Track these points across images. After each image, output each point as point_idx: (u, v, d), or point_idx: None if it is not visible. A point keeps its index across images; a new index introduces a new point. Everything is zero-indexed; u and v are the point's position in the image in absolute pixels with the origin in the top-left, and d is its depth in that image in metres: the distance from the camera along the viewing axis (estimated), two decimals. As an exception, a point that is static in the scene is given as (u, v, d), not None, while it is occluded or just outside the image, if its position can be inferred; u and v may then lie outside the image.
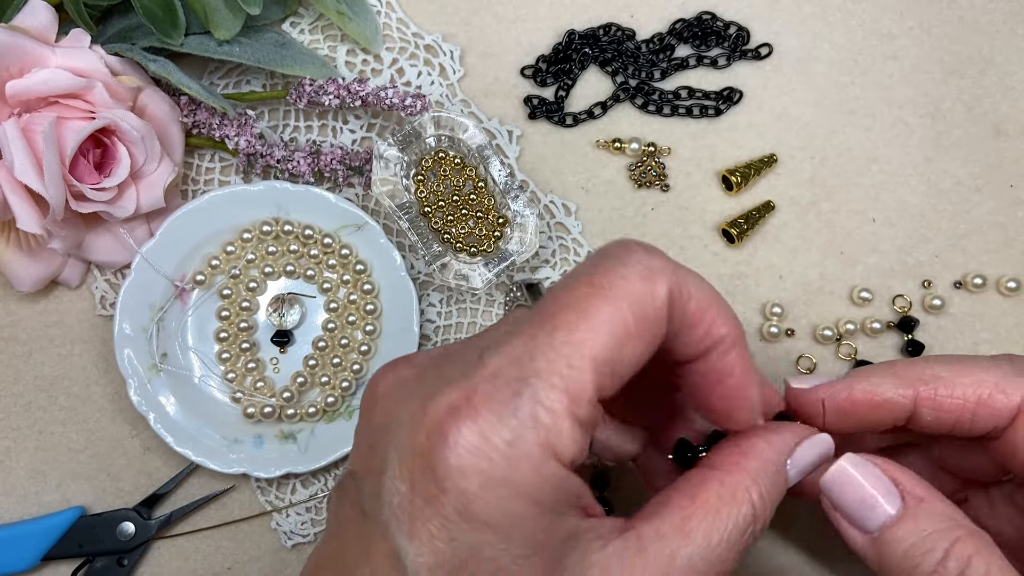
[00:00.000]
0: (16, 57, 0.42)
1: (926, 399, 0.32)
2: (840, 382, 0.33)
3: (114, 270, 0.48)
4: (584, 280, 0.28)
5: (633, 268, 0.28)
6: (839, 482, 0.31)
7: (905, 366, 0.33)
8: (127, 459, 0.47)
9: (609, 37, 0.51)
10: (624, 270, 0.28)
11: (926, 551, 0.29)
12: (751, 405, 0.30)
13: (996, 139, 0.50)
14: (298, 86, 0.47)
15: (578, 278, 0.28)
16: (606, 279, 0.27)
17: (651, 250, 0.29)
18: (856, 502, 0.31)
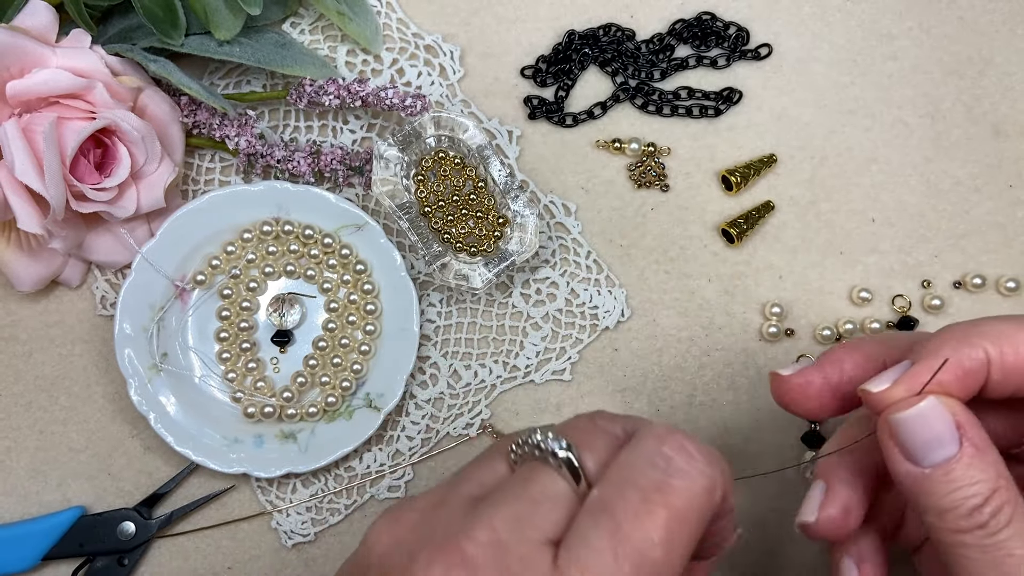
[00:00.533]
0: (17, 57, 0.42)
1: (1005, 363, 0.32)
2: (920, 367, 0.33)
3: (114, 270, 0.48)
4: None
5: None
6: (915, 419, 0.32)
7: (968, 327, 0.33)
8: (127, 459, 0.47)
9: (609, 37, 0.51)
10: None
11: (970, 495, 0.31)
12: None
13: (995, 139, 0.50)
14: (298, 86, 0.47)
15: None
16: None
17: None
18: (923, 439, 0.32)
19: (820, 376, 0.35)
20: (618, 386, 0.48)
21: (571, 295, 0.48)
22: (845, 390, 0.35)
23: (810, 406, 0.36)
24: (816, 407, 0.36)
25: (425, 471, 0.47)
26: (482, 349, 0.48)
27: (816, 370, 0.36)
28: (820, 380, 0.35)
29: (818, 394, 0.36)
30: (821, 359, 0.36)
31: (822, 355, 0.36)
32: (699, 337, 0.48)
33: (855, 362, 0.35)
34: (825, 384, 0.35)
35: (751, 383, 0.47)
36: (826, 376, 0.35)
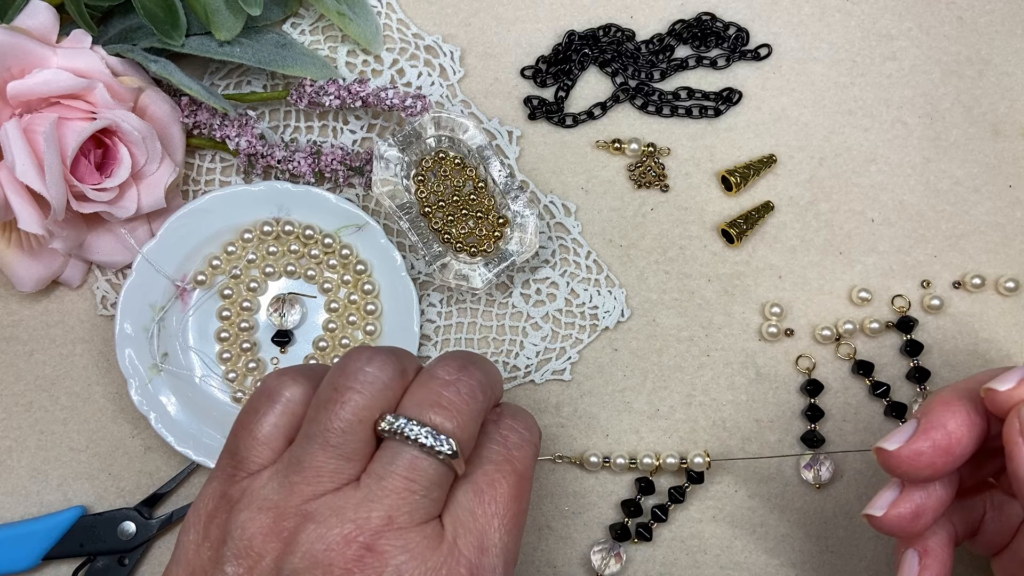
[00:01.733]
0: (17, 58, 0.42)
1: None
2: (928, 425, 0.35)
3: (115, 270, 0.48)
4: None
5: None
6: None
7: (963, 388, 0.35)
8: (128, 459, 0.47)
9: (609, 38, 0.51)
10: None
11: None
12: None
13: (994, 139, 0.50)
14: (299, 87, 0.47)
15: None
16: None
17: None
18: None
19: (928, 444, 0.35)
20: (618, 386, 0.48)
21: (571, 295, 0.48)
22: (956, 450, 0.35)
23: (924, 474, 0.35)
24: (930, 473, 0.35)
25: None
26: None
27: (922, 439, 0.35)
28: (929, 448, 0.35)
29: (930, 462, 0.35)
30: (924, 425, 0.35)
31: (923, 420, 0.35)
32: (699, 337, 0.48)
33: (958, 420, 0.35)
34: (934, 450, 0.35)
35: (751, 383, 0.48)
36: (934, 443, 0.35)
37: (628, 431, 0.47)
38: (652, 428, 0.47)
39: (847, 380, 0.48)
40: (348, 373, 0.33)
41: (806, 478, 0.46)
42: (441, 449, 0.32)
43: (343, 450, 0.32)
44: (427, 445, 0.32)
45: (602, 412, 0.47)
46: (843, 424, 0.47)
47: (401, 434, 0.32)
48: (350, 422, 0.32)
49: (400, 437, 0.32)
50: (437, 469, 0.32)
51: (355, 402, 0.32)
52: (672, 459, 0.46)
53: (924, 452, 0.35)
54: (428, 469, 0.32)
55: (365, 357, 0.33)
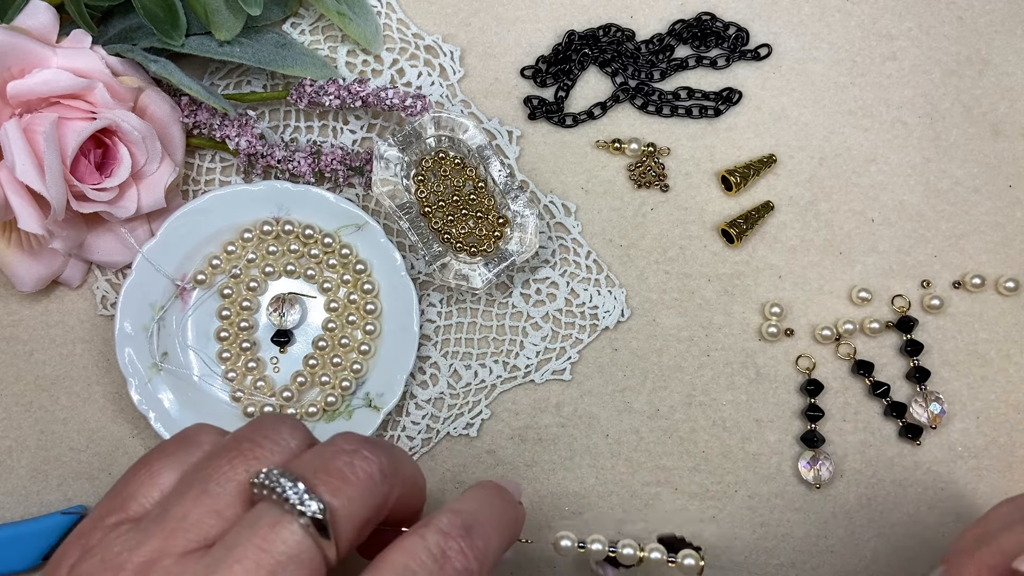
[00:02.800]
0: (17, 58, 0.42)
1: None
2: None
3: (115, 270, 0.48)
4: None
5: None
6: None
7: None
8: (128, 458, 0.47)
9: (609, 38, 0.51)
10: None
11: None
12: None
13: (994, 139, 0.50)
14: (299, 87, 0.47)
15: None
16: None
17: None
18: None
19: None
20: (618, 386, 0.48)
21: (571, 295, 0.48)
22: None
23: None
24: None
25: (424, 471, 0.47)
26: (482, 349, 0.48)
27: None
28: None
29: None
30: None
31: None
32: (699, 337, 0.48)
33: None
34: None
35: (751, 383, 0.48)
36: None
37: (628, 431, 0.47)
38: (652, 428, 0.47)
39: (847, 380, 0.48)
40: (260, 430, 0.30)
41: (806, 478, 0.46)
42: (304, 509, 0.27)
43: (217, 505, 0.28)
44: (290, 501, 0.27)
45: (602, 412, 0.47)
46: (843, 424, 0.47)
47: (268, 487, 0.27)
48: (240, 478, 0.28)
49: (266, 491, 0.27)
50: (300, 542, 0.27)
51: (253, 458, 0.29)
52: (657, 554, 0.39)
53: None
54: (289, 539, 0.27)
55: (277, 421, 0.31)
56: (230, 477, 0.28)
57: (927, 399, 0.47)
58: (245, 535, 0.27)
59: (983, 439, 0.47)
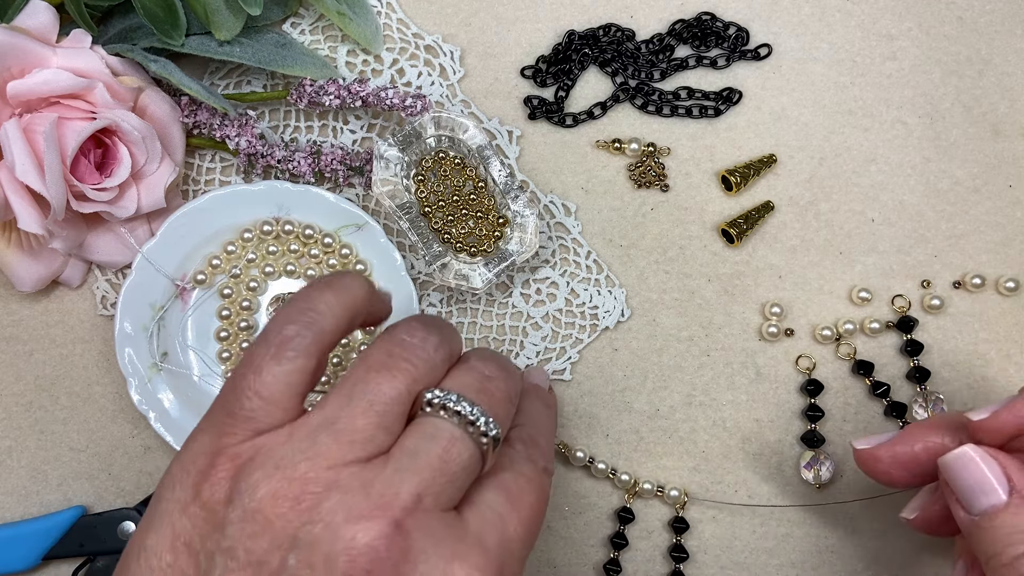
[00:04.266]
0: (17, 57, 0.42)
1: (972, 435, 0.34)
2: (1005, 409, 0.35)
3: (115, 270, 0.48)
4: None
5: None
6: (957, 465, 0.34)
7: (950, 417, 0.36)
8: (128, 458, 0.47)
9: (609, 37, 0.51)
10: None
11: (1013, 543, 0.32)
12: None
13: (995, 139, 0.50)
14: (299, 86, 0.47)
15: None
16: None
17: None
18: (967, 485, 0.33)
19: (889, 455, 0.38)
20: (618, 386, 0.48)
21: (571, 295, 0.48)
22: (913, 468, 0.38)
23: (881, 479, 0.39)
24: (887, 480, 0.39)
25: (425, 471, 0.47)
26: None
27: (885, 448, 0.38)
28: (888, 459, 0.38)
29: (885, 470, 0.39)
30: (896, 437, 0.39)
31: (900, 432, 0.39)
32: (699, 337, 0.48)
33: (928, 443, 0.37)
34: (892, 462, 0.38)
35: (751, 383, 0.48)
36: (895, 456, 0.38)
37: (628, 431, 0.47)
38: (652, 428, 0.47)
39: (847, 380, 0.48)
40: (405, 345, 0.32)
41: (806, 478, 0.46)
42: (487, 431, 0.31)
43: (385, 420, 0.30)
44: (475, 422, 0.30)
45: (602, 412, 0.47)
46: (843, 424, 0.47)
47: (450, 408, 0.31)
48: (400, 393, 0.31)
49: (448, 412, 0.30)
50: (472, 455, 0.30)
51: (409, 374, 0.31)
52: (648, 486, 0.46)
53: (881, 460, 0.38)
54: (464, 453, 0.30)
55: (421, 333, 0.32)
56: (393, 396, 0.31)
57: (927, 399, 0.47)
58: (425, 446, 0.30)
59: (983, 439, 0.47)
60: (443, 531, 0.29)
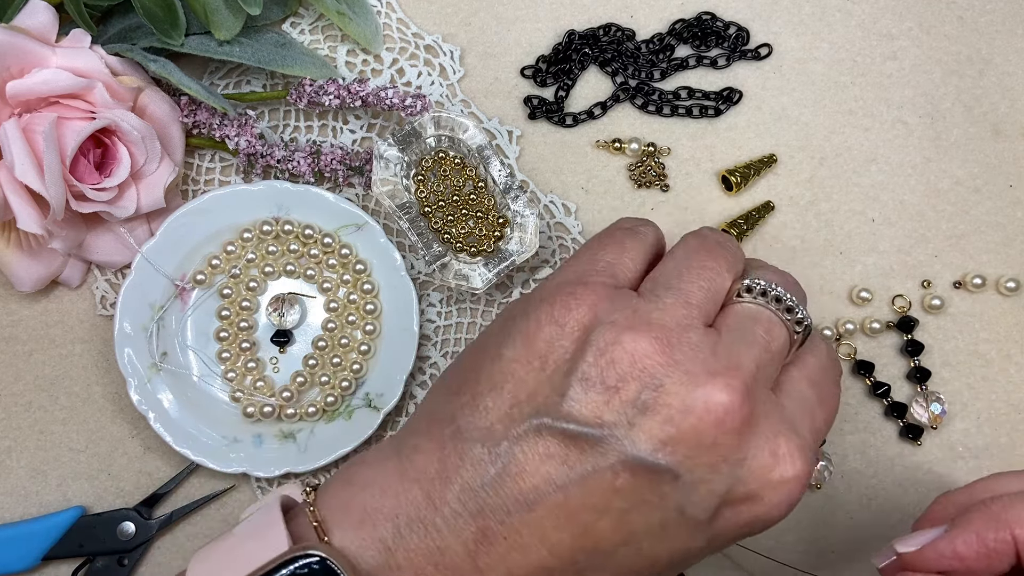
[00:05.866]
0: (16, 57, 0.42)
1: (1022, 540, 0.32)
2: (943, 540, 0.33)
3: (114, 270, 0.48)
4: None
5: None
6: None
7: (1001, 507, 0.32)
8: (127, 459, 0.47)
9: (609, 37, 0.51)
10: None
11: None
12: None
13: (995, 139, 0.50)
14: (298, 86, 0.47)
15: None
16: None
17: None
18: None
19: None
20: (618, 386, 0.47)
21: (571, 295, 0.48)
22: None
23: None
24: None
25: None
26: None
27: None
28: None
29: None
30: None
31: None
32: (699, 337, 0.48)
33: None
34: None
35: (751, 383, 0.47)
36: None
37: (628, 431, 0.47)
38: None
39: (847, 380, 0.48)
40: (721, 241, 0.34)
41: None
42: (801, 318, 0.32)
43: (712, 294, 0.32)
44: (792, 308, 0.32)
45: (602, 412, 0.47)
46: (843, 424, 0.47)
47: (769, 294, 0.32)
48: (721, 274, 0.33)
49: (767, 297, 0.32)
50: (786, 340, 0.32)
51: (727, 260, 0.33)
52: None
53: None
54: (781, 335, 0.32)
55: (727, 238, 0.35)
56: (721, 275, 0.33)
57: (928, 399, 0.47)
58: (750, 326, 0.32)
59: (984, 439, 0.47)
60: (772, 408, 0.30)
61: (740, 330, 0.31)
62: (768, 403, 0.30)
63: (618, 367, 0.29)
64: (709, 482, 0.29)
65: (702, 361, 0.29)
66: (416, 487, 0.30)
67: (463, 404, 0.31)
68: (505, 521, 0.29)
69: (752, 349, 0.31)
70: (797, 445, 0.30)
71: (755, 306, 0.32)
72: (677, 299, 0.31)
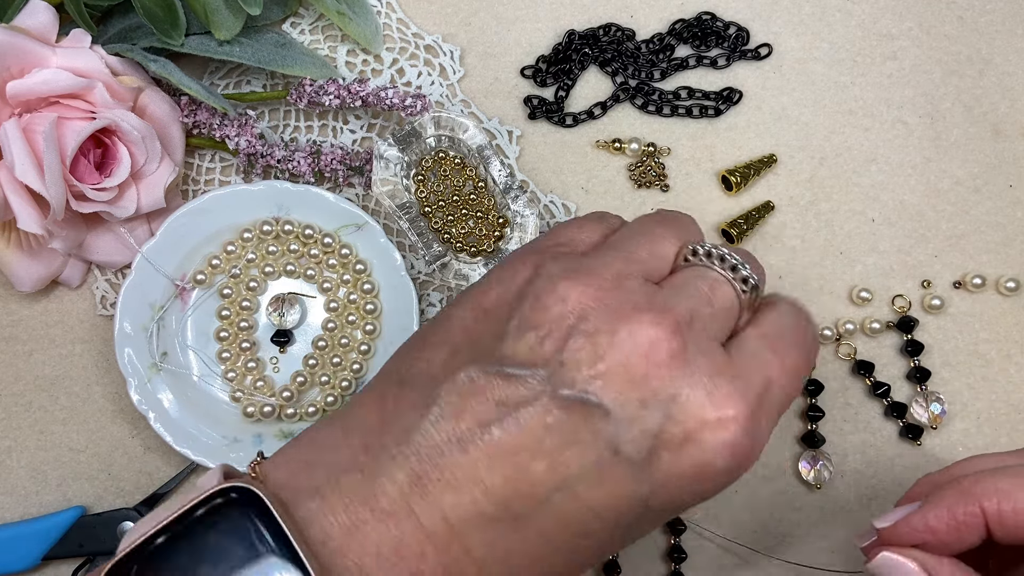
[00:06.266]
0: (17, 57, 0.42)
1: (994, 516, 0.32)
2: (917, 515, 0.34)
3: (115, 270, 0.48)
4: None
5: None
6: (884, 572, 0.34)
7: (972, 483, 0.33)
8: (128, 458, 0.47)
9: (609, 37, 0.51)
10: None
11: None
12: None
13: (995, 139, 0.50)
14: (298, 86, 0.47)
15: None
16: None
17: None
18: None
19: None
20: (618, 386, 0.47)
21: (571, 295, 0.48)
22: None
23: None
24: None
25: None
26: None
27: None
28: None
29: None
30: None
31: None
32: (699, 337, 0.48)
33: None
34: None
35: (751, 383, 0.47)
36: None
37: (628, 431, 0.47)
38: (652, 428, 0.47)
39: (847, 380, 0.48)
40: (676, 214, 0.35)
41: (806, 478, 0.46)
42: (747, 277, 0.32)
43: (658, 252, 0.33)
44: (736, 267, 0.32)
45: (602, 412, 0.47)
46: (843, 424, 0.47)
47: (714, 254, 0.33)
48: (671, 240, 0.33)
49: (712, 258, 0.33)
50: (733, 300, 0.32)
51: (677, 231, 0.34)
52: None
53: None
54: (725, 293, 0.32)
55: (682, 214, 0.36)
56: (667, 241, 0.33)
57: (928, 399, 0.46)
58: (693, 282, 0.32)
59: (984, 439, 0.47)
60: (710, 350, 0.31)
61: (681, 285, 0.32)
62: (709, 349, 0.31)
63: (552, 311, 0.30)
64: (641, 419, 0.29)
65: (633, 303, 0.30)
66: (355, 437, 0.31)
67: (411, 359, 0.32)
68: (439, 463, 0.29)
69: (690, 300, 0.31)
70: (738, 388, 0.30)
71: (700, 267, 0.33)
72: (619, 255, 0.32)
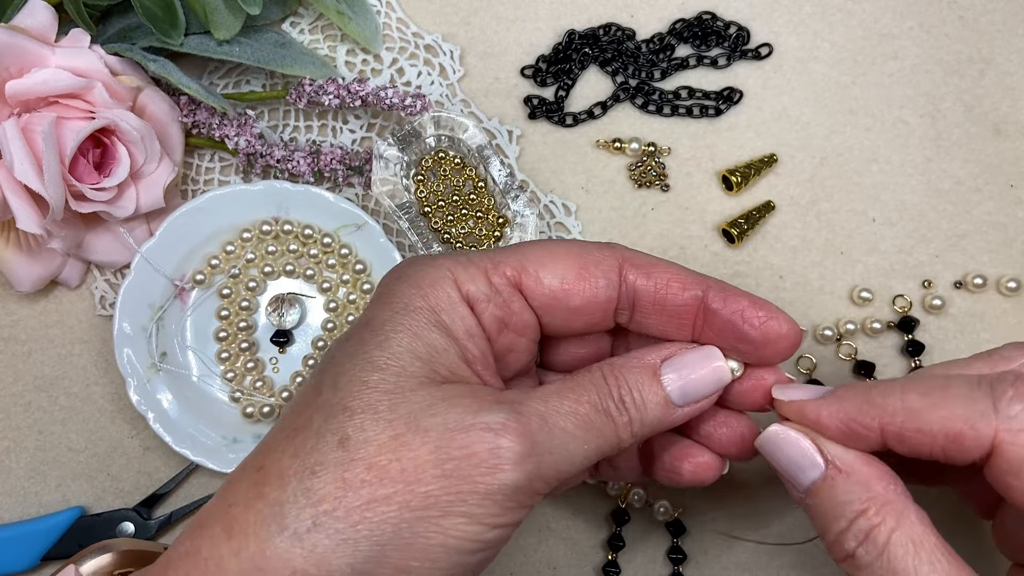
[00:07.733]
0: (16, 57, 0.42)
1: (892, 433, 0.31)
2: (812, 403, 0.33)
3: (114, 270, 0.48)
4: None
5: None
6: (768, 445, 0.33)
7: (881, 393, 0.32)
8: (127, 459, 0.47)
9: (609, 37, 0.51)
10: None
11: (835, 518, 0.31)
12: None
13: (996, 139, 0.50)
14: (298, 86, 0.47)
15: None
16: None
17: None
18: (785, 465, 0.33)
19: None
20: (618, 386, 0.47)
21: (571, 295, 0.48)
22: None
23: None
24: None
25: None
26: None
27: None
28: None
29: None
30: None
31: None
32: (699, 337, 0.48)
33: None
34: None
35: (751, 383, 0.47)
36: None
37: (628, 431, 0.47)
38: (652, 428, 0.47)
39: (848, 380, 0.48)
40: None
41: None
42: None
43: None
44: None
45: (602, 412, 0.47)
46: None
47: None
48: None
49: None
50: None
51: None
52: (637, 495, 0.46)
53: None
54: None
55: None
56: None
57: (928, 399, 0.46)
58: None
59: (985, 440, 0.47)
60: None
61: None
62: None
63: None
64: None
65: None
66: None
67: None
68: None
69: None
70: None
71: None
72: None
